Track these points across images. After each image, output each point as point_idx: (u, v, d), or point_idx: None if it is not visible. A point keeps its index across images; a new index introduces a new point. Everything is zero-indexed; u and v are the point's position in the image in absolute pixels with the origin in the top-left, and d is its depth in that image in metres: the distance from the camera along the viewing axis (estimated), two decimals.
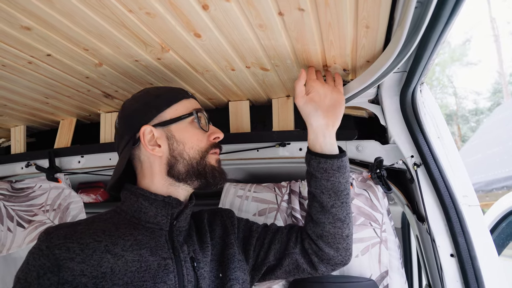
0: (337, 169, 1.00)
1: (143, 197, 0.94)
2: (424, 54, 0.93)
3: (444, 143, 1.23)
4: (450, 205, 1.15)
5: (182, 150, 0.96)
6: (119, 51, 1.06)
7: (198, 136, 0.98)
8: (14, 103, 1.44)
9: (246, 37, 0.97)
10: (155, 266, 0.86)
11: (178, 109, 0.99)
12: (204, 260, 0.95)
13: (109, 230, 0.89)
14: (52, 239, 0.82)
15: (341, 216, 1.01)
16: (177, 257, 0.90)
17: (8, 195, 1.59)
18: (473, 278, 1.10)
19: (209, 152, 0.99)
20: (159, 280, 0.84)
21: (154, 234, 0.92)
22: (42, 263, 0.79)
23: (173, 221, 0.95)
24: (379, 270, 1.24)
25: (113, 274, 0.81)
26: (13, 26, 0.92)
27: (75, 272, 0.79)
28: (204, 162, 0.97)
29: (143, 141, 0.95)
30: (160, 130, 0.97)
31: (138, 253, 0.86)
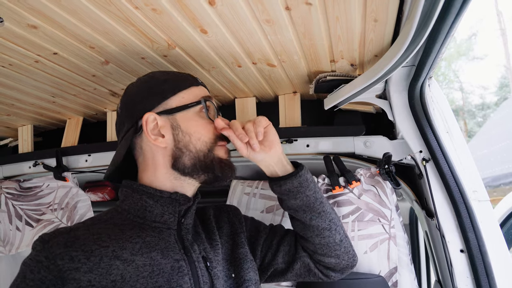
0: (299, 186, 0.95)
1: (147, 194, 0.86)
2: (434, 47, 0.91)
3: (453, 138, 1.21)
4: (460, 201, 1.14)
5: (188, 141, 0.88)
6: (125, 48, 1.06)
7: (205, 126, 0.90)
8: (22, 103, 1.45)
9: (253, 33, 0.96)
10: (169, 269, 0.80)
11: (185, 96, 0.91)
12: (215, 259, 0.90)
13: (114, 233, 0.81)
14: (51, 248, 0.74)
15: (324, 225, 0.98)
16: (190, 257, 0.85)
17: (16, 194, 1.60)
18: (484, 274, 1.09)
19: (217, 144, 0.90)
20: (174, 284, 0.78)
21: (163, 234, 0.85)
22: (43, 277, 0.71)
23: (181, 218, 0.89)
24: (388, 267, 1.23)
25: (124, 282, 0.74)
26: (20, 24, 0.92)
27: (82, 284, 0.72)
28: (212, 154, 0.89)
29: (146, 129, 0.87)
30: (164, 118, 0.88)
31: (148, 256, 0.80)
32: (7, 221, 1.57)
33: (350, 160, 1.34)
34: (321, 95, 1.45)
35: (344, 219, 1.26)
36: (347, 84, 1.20)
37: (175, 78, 0.93)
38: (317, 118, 1.48)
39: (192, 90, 0.92)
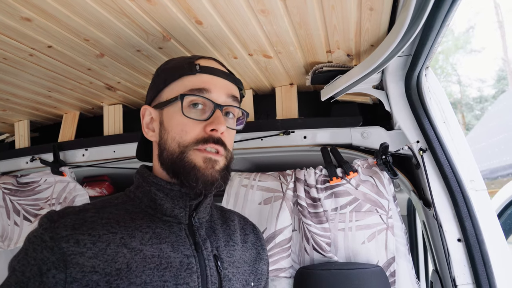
0: None
1: (156, 186, 0.82)
2: (430, 36, 0.91)
3: (450, 128, 1.21)
4: (457, 190, 1.14)
5: (166, 139, 0.82)
6: (120, 41, 1.05)
7: (183, 125, 0.80)
8: (17, 97, 1.44)
9: (248, 23, 0.96)
10: (177, 264, 0.75)
11: (175, 88, 0.83)
12: (228, 260, 0.84)
13: (124, 220, 0.77)
14: (57, 228, 0.71)
15: None
16: (200, 254, 0.80)
17: (14, 189, 1.59)
18: (481, 263, 1.09)
19: (194, 148, 0.79)
20: (181, 281, 0.74)
21: (173, 228, 0.81)
22: (45, 257, 0.69)
23: (192, 213, 0.83)
24: (385, 257, 1.23)
25: (129, 271, 0.70)
26: (13, 17, 0.91)
27: (85, 269, 0.69)
28: (183, 157, 0.79)
29: (142, 122, 0.87)
30: (157, 112, 0.85)
31: (158, 247, 0.76)
32: (5, 216, 1.57)
33: (347, 151, 1.34)
34: (318, 86, 1.45)
35: (341, 209, 1.27)
36: (343, 75, 1.20)
37: (173, 67, 0.87)
38: (314, 109, 1.48)
39: (184, 80, 0.83)
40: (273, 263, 1.27)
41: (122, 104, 1.59)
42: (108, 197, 0.85)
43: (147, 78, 1.33)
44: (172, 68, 0.86)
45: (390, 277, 1.21)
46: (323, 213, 1.27)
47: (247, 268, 0.89)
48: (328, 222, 1.27)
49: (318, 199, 1.28)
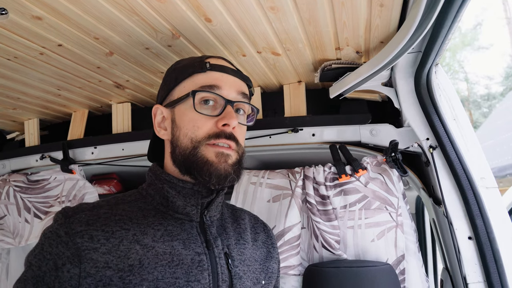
0: None
1: (169, 184, 0.83)
2: (441, 32, 0.90)
3: (460, 125, 1.20)
4: (468, 188, 1.13)
5: (178, 136, 0.83)
6: (130, 39, 1.06)
7: (195, 121, 0.81)
8: (27, 96, 1.46)
9: (257, 21, 0.96)
10: (188, 262, 0.76)
11: (186, 86, 0.85)
12: (238, 258, 0.85)
13: (137, 217, 0.79)
14: (72, 224, 0.73)
15: None
16: (211, 252, 0.80)
17: (24, 187, 1.61)
18: (492, 261, 1.09)
19: (206, 143, 0.80)
20: (192, 279, 0.75)
21: (185, 226, 0.81)
22: (60, 252, 0.70)
23: (204, 211, 0.84)
24: (395, 254, 1.23)
25: (141, 267, 0.72)
26: (24, 16, 0.92)
27: (98, 264, 0.70)
28: (196, 153, 0.79)
29: (154, 121, 0.89)
30: (168, 111, 0.87)
31: (170, 244, 0.77)
32: (16, 213, 1.59)
33: (356, 149, 1.33)
34: (326, 84, 1.44)
35: (351, 207, 1.26)
36: (352, 72, 1.19)
37: (183, 65, 0.88)
38: (322, 107, 1.48)
39: (194, 78, 0.84)
40: (282, 261, 1.27)
41: (130, 102, 1.59)
42: (121, 194, 0.87)
43: (156, 76, 1.33)
44: (182, 67, 0.88)
45: (399, 275, 1.21)
46: (332, 210, 1.27)
47: (257, 267, 0.90)
48: (337, 219, 1.27)
49: (327, 196, 1.27)
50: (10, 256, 1.67)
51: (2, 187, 1.61)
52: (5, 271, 1.67)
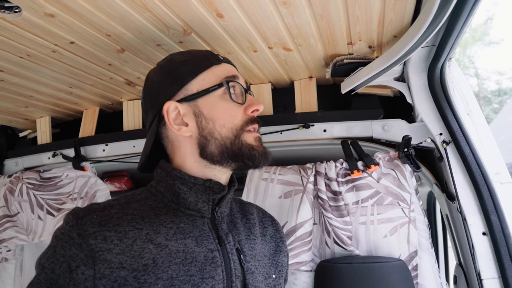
0: None
1: (180, 180, 0.82)
2: (456, 26, 0.89)
3: (474, 120, 1.19)
4: (482, 183, 1.12)
5: (213, 128, 0.82)
6: (141, 36, 1.06)
7: (230, 111, 0.83)
8: (40, 94, 1.47)
9: (269, 16, 0.95)
10: (202, 259, 0.77)
11: (206, 78, 0.84)
12: (250, 254, 0.86)
13: (149, 216, 0.78)
14: (84, 225, 0.72)
15: None
16: (224, 248, 0.81)
17: (37, 184, 1.63)
18: (507, 256, 1.07)
19: (245, 130, 0.83)
20: (206, 275, 0.75)
21: (196, 223, 0.81)
22: (74, 254, 0.70)
23: (215, 207, 0.84)
24: (408, 250, 1.22)
25: (155, 266, 0.72)
26: (37, 13, 0.92)
27: (113, 265, 0.70)
28: (239, 141, 0.82)
29: (168, 120, 0.83)
30: (186, 106, 0.83)
31: (182, 242, 0.77)
32: (29, 210, 1.60)
33: (368, 145, 1.33)
34: (337, 79, 1.43)
35: (363, 203, 1.25)
36: (364, 67, 1.18)
37: (194, 58, 0.87)
38: (333, 102, 1.47)
39: (213, 70, 0.85)
40: (294, 257, 1.27)
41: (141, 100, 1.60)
42: (131, 193, 0.86)
43: None
44: (195, 60, 0.87)
45: (412, 271, 1.20)
46: (344, 206, 1.26)
47: (267, 261, 0.90)
48: (349, 215, 1.26)
49: (339, 192, 1.27)
50: (24, 253, 1.69)
51: (15, 185, 1.63)
52: (19, 268, 1.69)
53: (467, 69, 16.71)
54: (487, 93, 16.39)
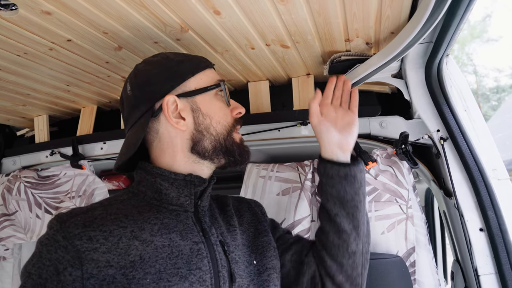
0: (344, 177, 0.94)
1: (161, 177, 0.85)
2: (452, 22, 0.89)
3: (471, 116, 1.19)
4: (479, 179, 1.13)
5: (209, 124, 0.88)
6: (138, 33, 1.06)
7: (224, 110, 0.91)
8: (37, 92, 1.46)
9: (267, 13, 0.95)
10: (188, 251, 0.79)
11: (203, 78, 0.91)
12: (233, 244, 0.89)
13: (132, 214, 0.80)
14: (69, 228, 0.73)
15: (346, 228, 0.94)
16: (208, 240, 0.84)
17: (35, 183, 1.62)
18: (504, 252, 1.08)
19: (234, 129, 0.92)
20: (194, 267, 0.77)
21: (180, 217, 0.84)
22: (60, 256, 0.70)
23: (197, 200, 0.88)
24: (405, 247, 1.22)
25: (143, 262, 0.73)
26: (34, 11, 0.92)
27: (100, 264, 0.71)
28: (231, 138, 0.90)
29: (167, 112, 0.85)
30: (184, 101, 0.87)
31: (167, 237, 0.79)
32: (27, 209, 1.60)
33: (365, 141, 1.33)
34: None
35: None
36: (362, 64, 1.18)
37: (189, 60, 0.92)
38: None
39: (207, 72, 0.93)
40: None
41: None
42: (113, 196, 0.88)
43: None
44: (192, 61, 0.92)
45: (410, 267, 1.21)
46: None
47: (246, 250, 0.93)
48: None
49: None
50: (22, 252, 1.70)
51: (13, 183, 1.63)
52: (17, 267, 1.69)
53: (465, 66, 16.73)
54: (486, 91, 16.43)
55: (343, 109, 1.03)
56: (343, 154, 0.99)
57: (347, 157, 1.00)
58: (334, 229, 0.96)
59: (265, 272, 0.90)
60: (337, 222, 0.95)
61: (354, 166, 0.96)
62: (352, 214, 0.95)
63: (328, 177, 0.96)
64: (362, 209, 0.96)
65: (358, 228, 0.96)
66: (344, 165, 0.96)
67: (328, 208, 0.97)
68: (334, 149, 0.99)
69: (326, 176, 0.97)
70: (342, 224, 0.95)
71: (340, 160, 0.98)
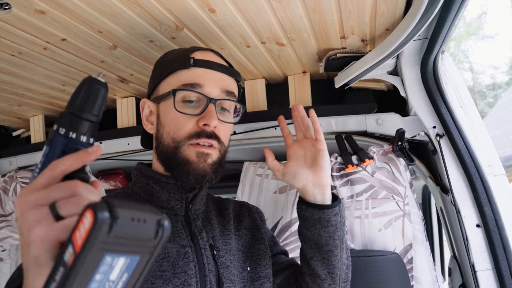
0: (318, 220, 0.85)
1: (153, 180, 0.85)
2: (447, 18, 0.89)
3: (467, 112, 1.20)
4: (475, 175, 1.13)
5: (162, 133, 0.85)
6: (133, 32, 1.05)
7: (177, 121, 0.82)
8: (32, 92, 1.46)
9: (262, 10, 0.95)
10: (174, 254, 0.79)
11: (171, 81, 0.85)
12: (224, 249, 0.87)
13: None
14: None
15: (320, 273, 0.88)
16: (196, 244, 0.83)
17: None
18: (501, 248, 1.08)
19: (188, 143, 0.81)
20: (179, 270, 0.77)
21: (170, 220, 0.83)
22: None
23: (188, 205, 0.87)
24: (402, 243, 1.23)
25: None
26: (28, 10, 0.91)
27: None
28: (177, 152, 0.82)
29: (142, 115, 0.91)
30: (155, 106, 0.89)
31: None
32: None
33: (362, 139, 1.33)
34: (331, 74, 1.43)
35: (357, 197, 1.26)
36: (357, 61, 1.18)
37: (169, 59, 0.88)
38: (327, 97, 1.47)
39: (177, 75, 0.85)
40: (289, 252, 1.27)
41: (134, 96, 1.59)
42: (108, 195, 0.90)
43: None
44: (168, 61, 0.88)
45: (407, 264, 1.21)
46: None
47: (241, 256, 0.92)
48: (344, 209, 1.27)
49: (333, 187, 1.27)
50: (18, 252, 1.69)
51: (9, 184, 1.62)
52: (14, 267, 1.69)
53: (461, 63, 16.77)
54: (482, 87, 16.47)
55: (309, 140, 0.91)
56: (320, 191, 0.87)
57: (324, 194, 0.87)
58: (309, 272, 0.91)
59: (258, 280, 0.89)
60: (311, 265, 0.89)
61: (328, 210, 0.85)
62: (327, 259, 0.88)
63: (303, 219, 0.89)
64: (338, 254, 0.88)
65: (334, 274, 0.89)
66: (319, 208, 0.85)
67: (304, 250, 0.92)
68: (309, 189, 0.88)
69: (301, 218, 0.90)
70: (317, 268, 0.89)
71: (317, 201, 0.87)
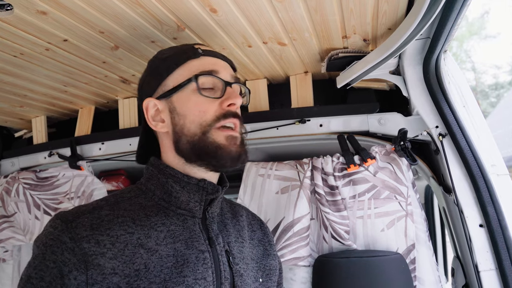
0: None
1: (173, 178, 0.81)
2: (450, 17, 0.89)
3: (470, 112, 1.19)
4: (478, 175, 1.12)
5: (183, 124, 0.81)
6: (135, 32, 1.05)
7: (201, 106, 0.81)
8: (34, 93, 1.46)
9: (263, 10, 0.95)
10: (193, 259, 0.76)
11: (182, 73, 0.83)
12: (239, 256, 0.85)
13: (139, 218, 0.77)
14: (76, 228, 0.70)
15: None
16: (214, 249, 0.80)
17: (33, 184, 1.62)
18: (504, 248, 1.08)
19: (215, 127, 0.80)
20: (199, 276, 0.75)
21: (187, 223, 0.80)
22: (66, 259, 0.67)
23: (207, 207, 0.83)
24: (405, 244, 1.22)
25: (147, 271, 0.71)
26: (29, 11, 0.91)
27: (105, 270, 0.68)
28: (206, 138, 0.80)
29: (147, 116, 0.85)
30: (163, 102, 0.84)
31: (172, 247, 0.76)
32: (26, 210, 1.60)
33: (364, 139, 1.33)
34: (333, 74, 1.43)
35: (360, 197, 1.25)
36: (359, 61, 1.18)
37: (174, 54, 0.87)
38: (329, 97, 1.47)
39: (188, 65, 0.84)
40: (291, 252, 1.27)
41: (137, 97, 1.60)
42: (119, 191, 0.85)
43: None
44: (174, 55, 0.87)
45: (410, 264, 1.20)
46: (341, 201, 1.26)
47: (254, 265, 0.90)
48: (346, 210, 1.26)
49: (336, 187, 1.27)
50: (21, 253, 1.69)
51: (12, 185, 1.62)
52: (17, 268, 1.69)
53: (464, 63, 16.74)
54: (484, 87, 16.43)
55: None
56: None
57: None
58: None
59: None
60: None
61: None
62: None
63: None
64: None
65: None
66: None
67: None
68: None
69: None
70: None
71: None
